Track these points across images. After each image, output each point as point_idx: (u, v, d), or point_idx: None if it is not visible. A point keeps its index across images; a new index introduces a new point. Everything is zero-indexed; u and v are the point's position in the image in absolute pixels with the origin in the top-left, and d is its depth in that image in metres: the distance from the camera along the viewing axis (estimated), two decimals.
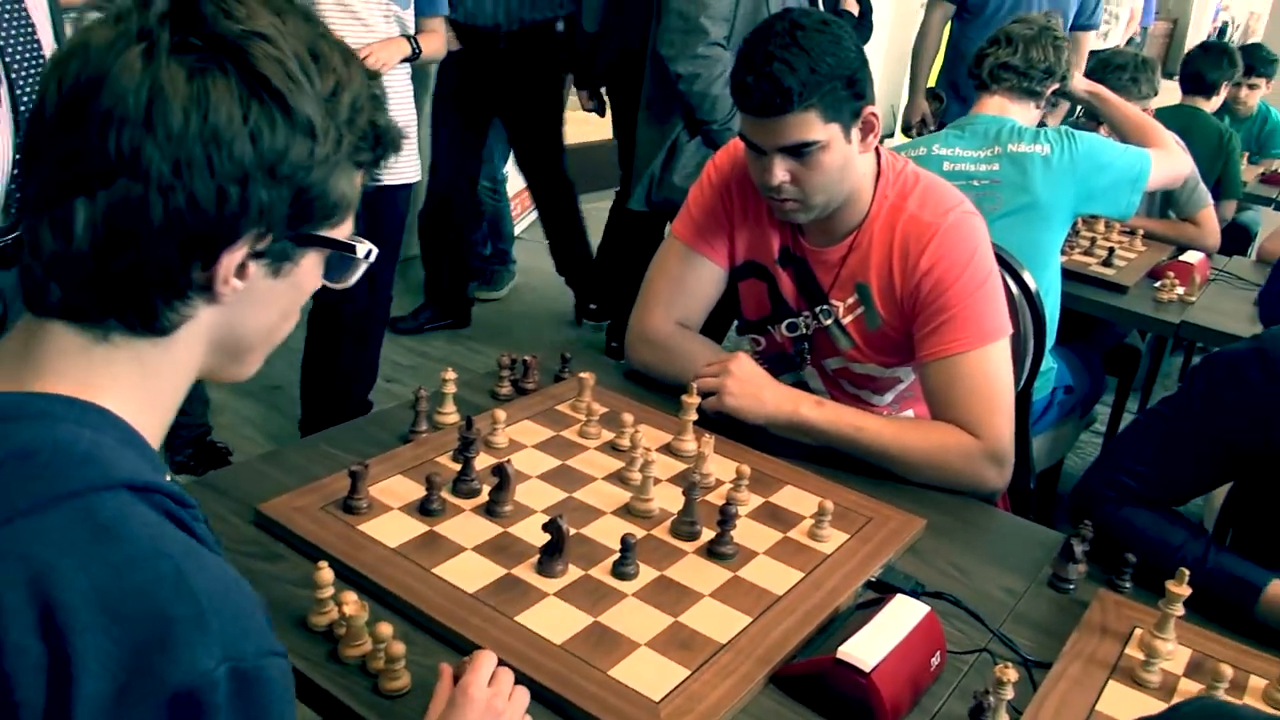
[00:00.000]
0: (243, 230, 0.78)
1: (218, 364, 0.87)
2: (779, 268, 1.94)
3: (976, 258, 1.76)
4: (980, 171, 2.59)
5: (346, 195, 0.84)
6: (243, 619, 0.73)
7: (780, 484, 1.63)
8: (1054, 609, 1.43)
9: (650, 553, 1.42)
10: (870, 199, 1.82)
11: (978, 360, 1.73)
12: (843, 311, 1.89)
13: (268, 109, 0.77)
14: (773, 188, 1.73)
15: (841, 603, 1.36)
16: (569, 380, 1.91)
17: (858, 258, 1.84)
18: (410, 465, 1.58)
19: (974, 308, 1.74)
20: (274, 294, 0.85)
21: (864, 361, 1.93)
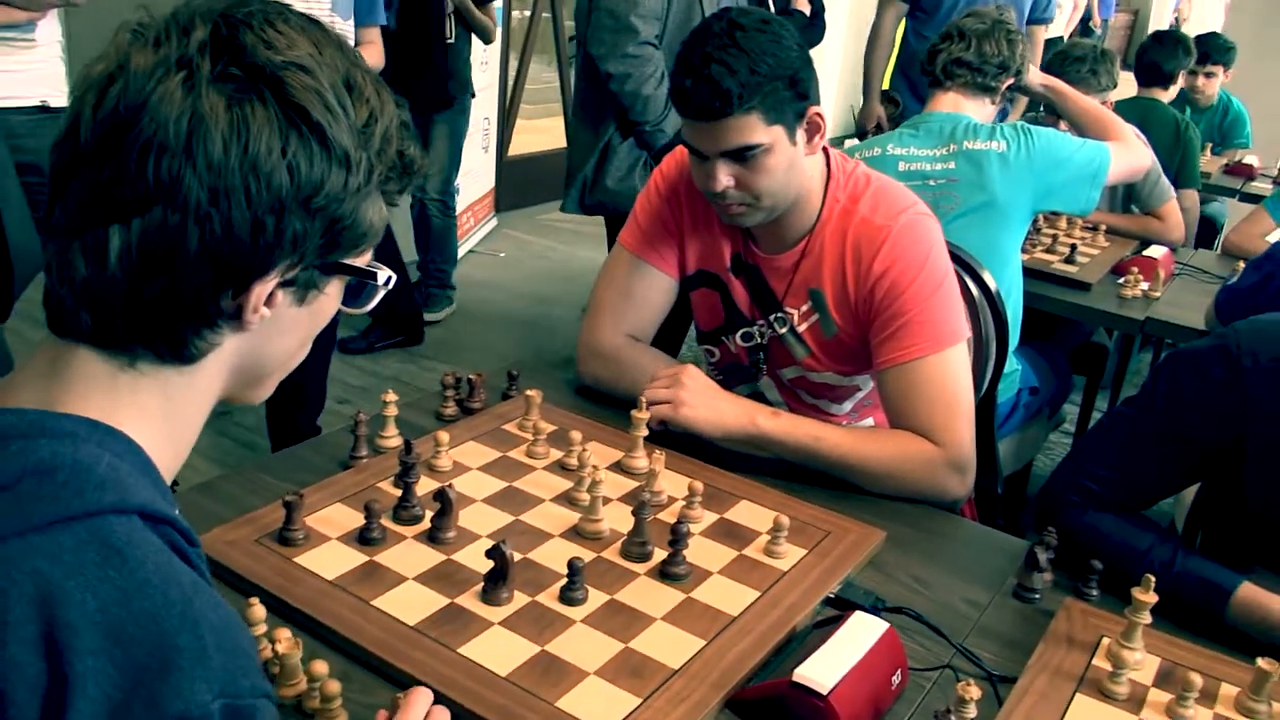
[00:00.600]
0: (276, 260, 0.80)
1: (235, 389, 0.89)
2: (731, 276, 1.92)
3: (930, 260, 1.75)
4: (936, 170, 2.58)
5: (374, 224, 0.87)
6: (241, 657, 0.74)
7: (735, 499, 1.61)
8: (1019, 620, 1.42)
9: (600, 576, 1.40)
10: (821, 203, 1.81)
11: (935, 366, 1.71)
12: (797, 319, 1.88)
13: (306, 141, 0.79)
14: (717, 193, 1.72)
15: (799, 621, 1.34)
16: (516, 398, 1.88)
17: (810, 264, 1.83)
18: (350, 492, 1.55)
19: (930, 312, 1.73)
20: (297, 321, 0.87)
21: (821, 370, 1.91)
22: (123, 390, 0.82)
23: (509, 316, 5.26)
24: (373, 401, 3.45)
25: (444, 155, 4.90)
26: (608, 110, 3.14)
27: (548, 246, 6.43)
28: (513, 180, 6.89)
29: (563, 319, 5.10)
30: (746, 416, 1.72)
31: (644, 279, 1.95)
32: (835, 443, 1.69)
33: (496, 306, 5.39)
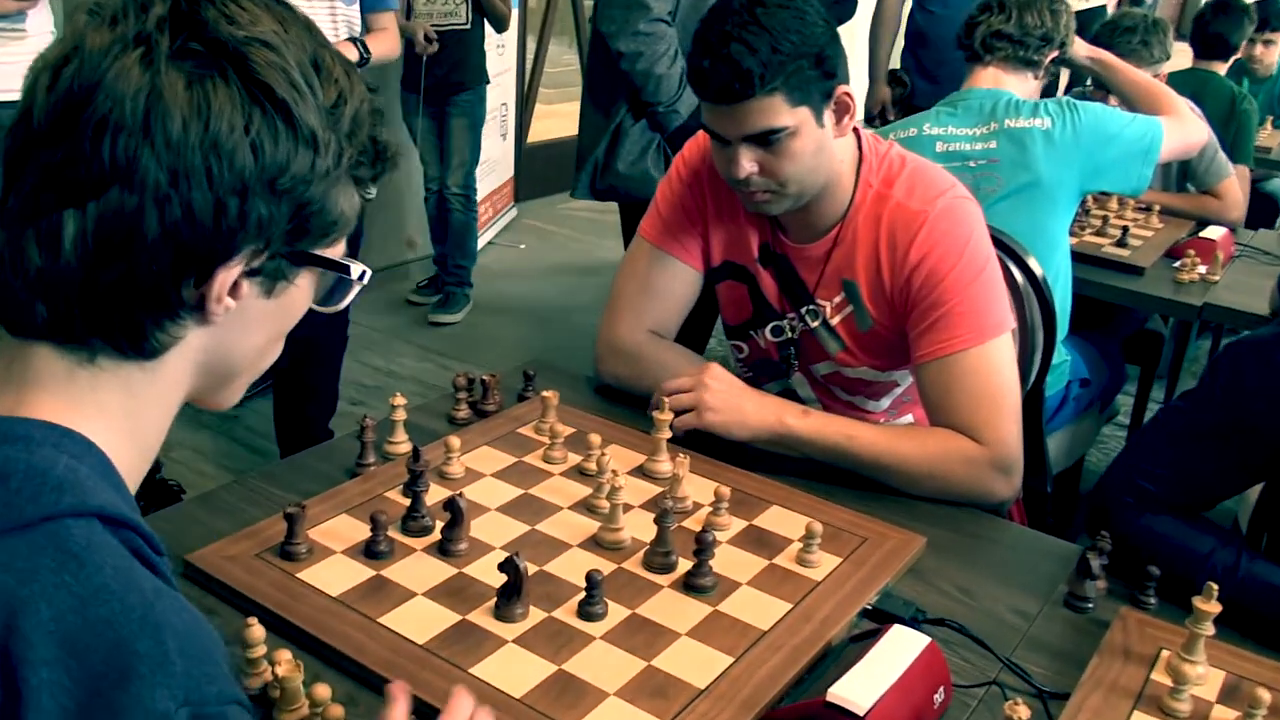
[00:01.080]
0: (240, 245, 0.79)
1: (203, 390, 0.88)
2: (759, 267, 1.90)
3: (971, 245, 1.72)
4: (976, 150, 2.55)
5: (345, 213, 0.86)
6: (207, 663, 0.73)
7: (765, 505, 1.59)
8: (1071, 632, 1.39)
9: (620, 589, 1.38)
10: (853, 187, 1.78)
11: (978, 358, 1.68)
12: (830, 311, 1.85)
13: (270, 119, 0.78)
14: (740, 180, 1.69)
15: (834, 635, 1.32)
16: (532, 399, 1.87)
17: (842, 253, 1.80)
18: (356, 503, 1.53)
19: (971, 301, 1.70)
20: (265, 315, 0.86)
21: (856, 365, 1.89)
22: (82, 388, 0.81)
23: (530, 312, 5.25)
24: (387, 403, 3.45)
25: (464, 147, 4.89)
26: (619, 91, 3.13)
27: (570, 237, 6.42)
28: (533, 168, 6.87)
29: (586, 313, 5.08)
30: (774, 415, 1.69)
31: (666, 271, 1.93)
32: (869, 441, 1.66)
33: (516, 301, 5.38)
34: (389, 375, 4.44)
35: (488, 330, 5.01)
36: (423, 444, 1.66)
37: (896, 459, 1.65)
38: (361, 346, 4.60)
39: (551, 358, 2.15)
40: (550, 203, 6.88)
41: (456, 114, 4.80)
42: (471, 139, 4.93)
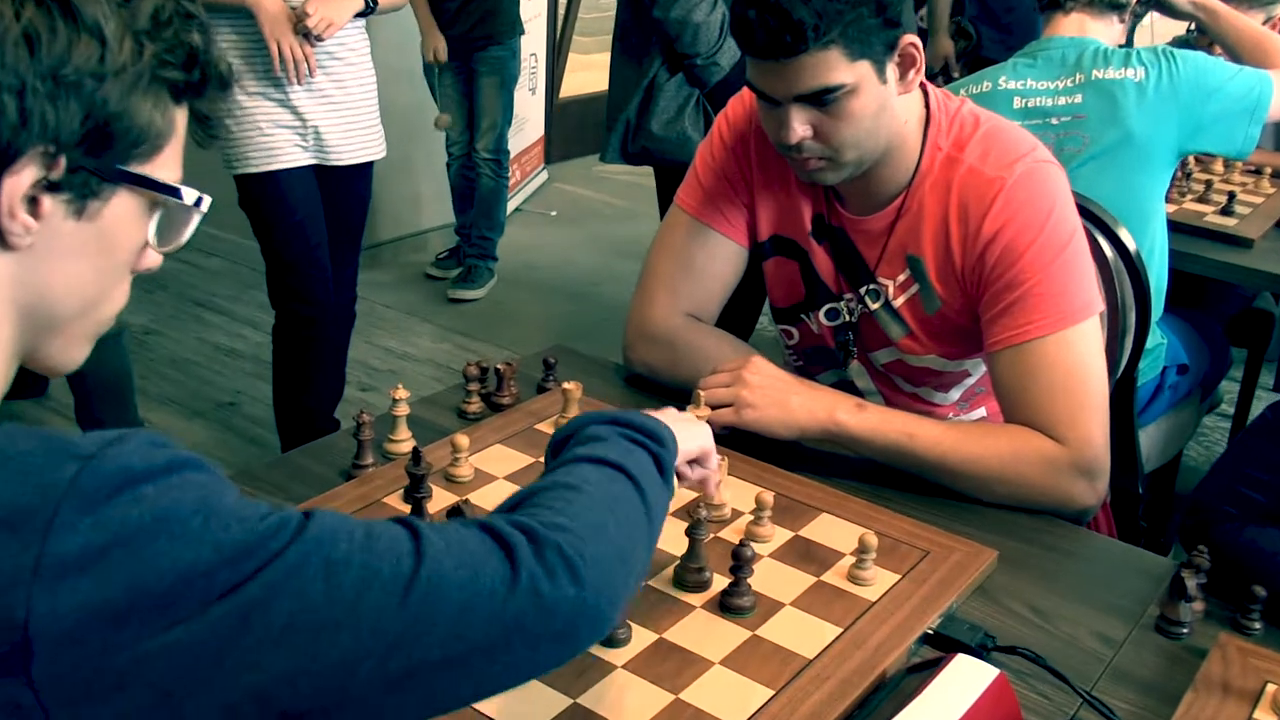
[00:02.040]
0: (23, 147, 0.78)
1: (32, 341, 0.87)
2: (813, 242, 1.86)
3: (1054, 217, 1.68)
4: (1060, 106, 2.50)
5: (155, 124, 0.85)
6: None
7: (813, 513, 1.56)
8: (1163, 661, 1.36)
9: (646, 610, 1.35)
10: (919, 151, 1.74)
11: (1059, 346, 1.64)
12: (893, 291, 1.82)
13: (45, 7, 0.78)
14: (791, 145, 1.66)
15: (889, 665, 1.29)
16: (553, 391, 1.84)
17: (907, 225, 1.77)
18: (351, 509, 1.52)
19: (1053, 280, 1.66)
20: (81, 242, 0.85)
21: (921, 352, 1.85)
22: None
23: (560, 287, 5.24)
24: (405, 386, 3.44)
25: (495, 108, 4.87)
26: (652, 41, 3.10)
27: (606, 203, 6.41)
28: (565, 126, 6.87)
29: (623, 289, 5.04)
30: (825, 411, 1.66)
31: (706, 246, 1.91)
32: (933, 440, 1.63)
33: (546, 275, 5.37)
34: (402, 358, 4.44)
35: (513, 308, 5.00)
36: (428, 442, 1.65)
37: (964, 460, 1.61)
38: (371, 325, 4.61)
39: (583, 339, 2.13)
40: (585, 165, 6.87)
41: (486, 72, 4.78)
42: (503, 98, 4.91)
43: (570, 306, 5.04)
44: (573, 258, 5.59)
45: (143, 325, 4.56)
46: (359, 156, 3.19)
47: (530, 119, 6.24)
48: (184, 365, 4.31)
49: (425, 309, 4.94)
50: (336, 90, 3.08)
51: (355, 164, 3.19)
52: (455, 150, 5.00)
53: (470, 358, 4.36)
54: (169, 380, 4.19)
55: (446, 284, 5.13)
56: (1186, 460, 3.36)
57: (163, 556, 0.71)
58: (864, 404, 1.68)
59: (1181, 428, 2.88)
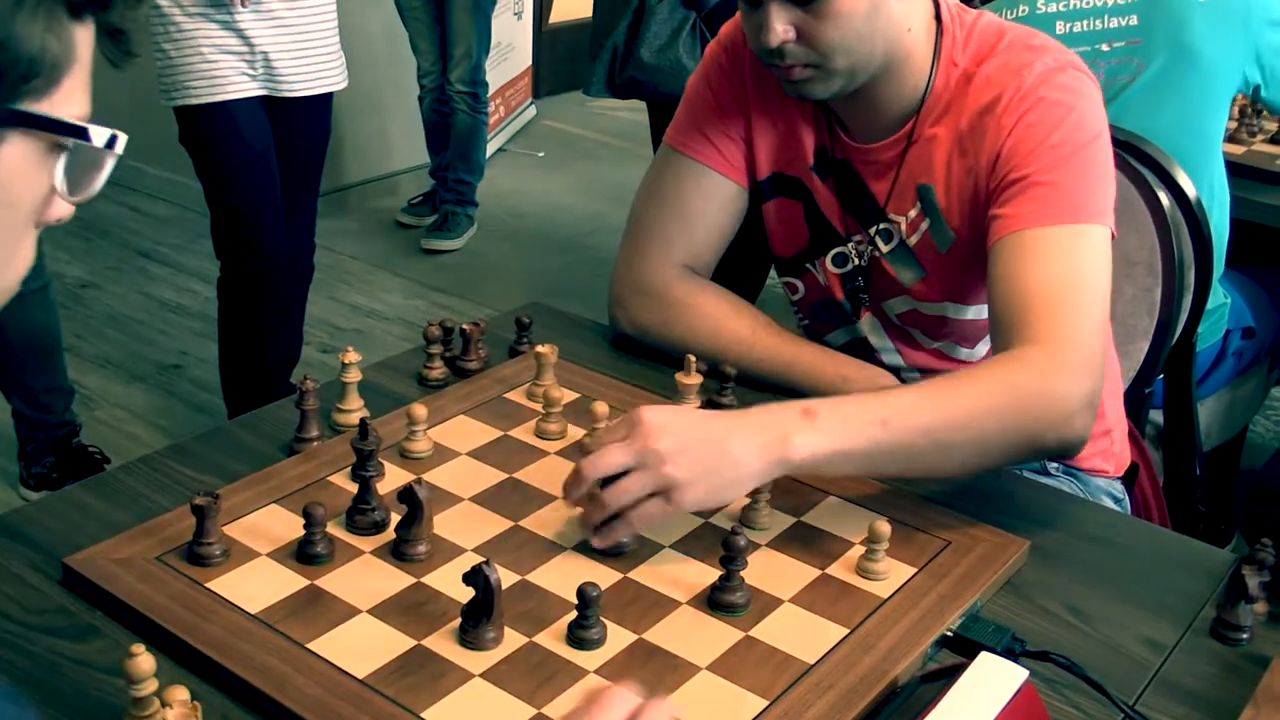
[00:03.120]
0: None
1: None
2: (815, 177, 1.85)
3: (1076, 114, 1.66)
4: (1111, 29, 2.49)
5: (50, 50, 0.79)
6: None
7: (817, 496, 1.54)
8: (1218, 671, 1.34)
9: (624, 607, 1.34)
10: (931, 69, 1.73)
11: (1061, 241, 1.61)
12: (906, 229, 1.81)
13: None
14: (772, 50, 1.64)
15: (901, 672, 1.27)
16: (527, 355, 1.82)
17: (919, 153, 1.76)
18: (290, 489, 1.50)
19: (1066, 177, 1.64)
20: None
21: (936, 299, 1.83)
22: None
23: (547, 238, 5.22)
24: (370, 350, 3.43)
25: (469, 33, 4.84)
26: None
27: (599, 142, 6.38)
28: (555, 56, 6.84)
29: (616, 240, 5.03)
30: (774, 446, 1.40)
31: (700, 189, 1.88)
32: (908, 411, 1.47)
33: (531, 223, 5.35)
34: (370, 315, 4.43)
35: (495, 260, 4.98)
36: (383, 412, 1.65)
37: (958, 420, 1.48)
38: (335, 279, 4.59)
39: (572, 296, 2.12)
40: (577, 100, 6.83)
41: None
42: (479, 22, 4.88)
43: (558, 259, 5.02)
44: (562, 204, 5.57)
45: (78, 278, 4.55)
46: (315, 87, 3.16)
47: (516, 47, 6.21)
48: (124, 323, 4.30)
49: (395, 261, 4.92)
50: (288, 11, 3.05)
51: (311, 95, 3.16)
52: (427, 82, 4.97)
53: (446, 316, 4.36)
54: (107, 340, 4.18)
55: (419, 233, 5.12)
56: (1251, 437, 3.35)
57: None
58: (809, 406, 1.45)
59: (1246, 400, 2.87)
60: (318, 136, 3.29)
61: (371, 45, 4.93)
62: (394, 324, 4.33)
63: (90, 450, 3.36)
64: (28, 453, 3.33)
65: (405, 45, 4.97)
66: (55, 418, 3.32)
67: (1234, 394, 2.79)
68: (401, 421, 1.60)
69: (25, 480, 3.34)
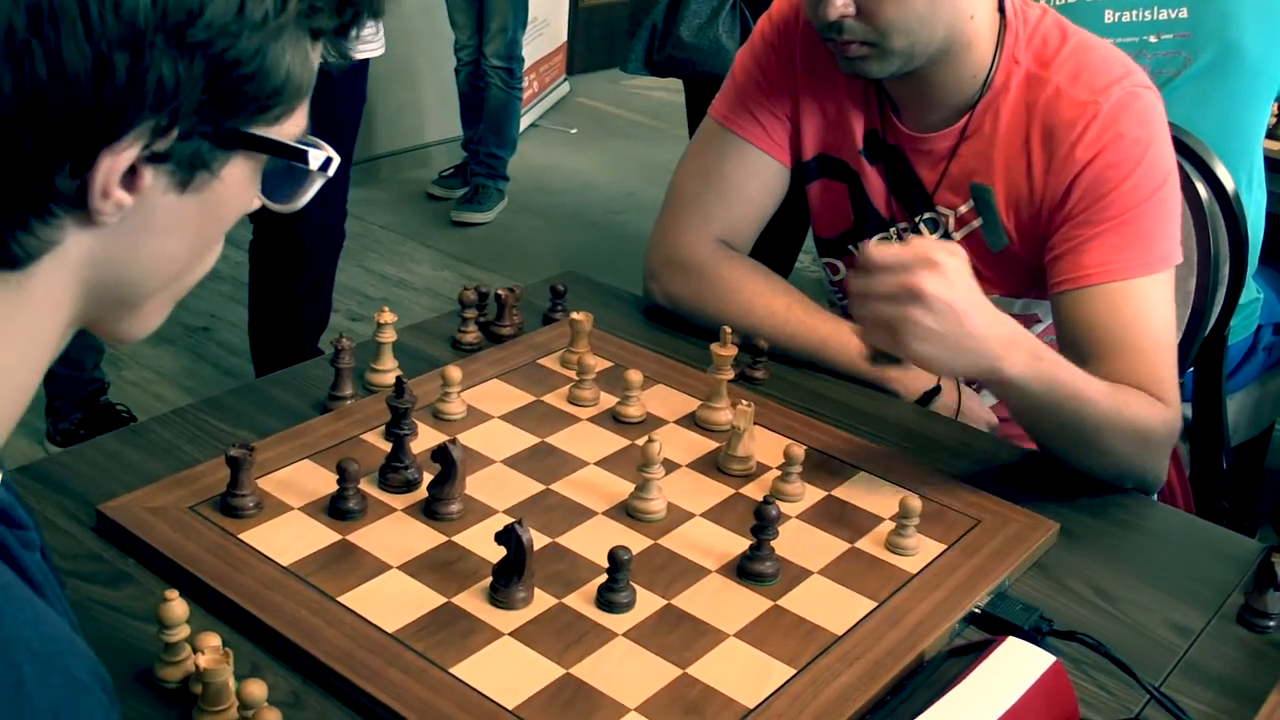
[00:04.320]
0: (135, 120, 0.71)
1: (97, 315, 0.82)
2: (864, 161, 1.84)
3: (1152, 151, 1.65)
4: (1160, 21, 2.46)
5: (295, 77, 0.78)
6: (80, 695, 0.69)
7: (849, 471, 1.55)
8: (1245, 657, 1.34)
9: (654, 573, 1.34)
10: (992, 61, 1.70)
11: (1145, 292, 1.63)
12: (953, 223, 1.80)
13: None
14: (830, 23, 1.63)
15: (928, 646, 1.27)
16: (561, 322, 1.82)
17: (975, 148, 1.74)
18: (324, 446, 1.51)
19: (1142, 220, 1.64)
20: (181, 218, 0.79)
21: (984, 291, 1.81)
22: None
23: (577, 213, 5.21)
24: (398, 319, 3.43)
25: (506, 7, 4.83)
26: None
27: (632, 120, 6.37)
28: (591, 33, 6.82)
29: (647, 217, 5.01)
30: (1000, 354, 1.47)
31: (742, 163, 1.88)
32: (1095, 399, 1.53)
33: (562, 199, 5.35)
34: (399, 285, 4.43)
35: (524, 234, 4.98)
36: (416, 374, 1.65)
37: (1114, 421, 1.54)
38: (365, 248, 4.60)
39: (600, 272, 2.11)
40: (611, 77, 6.82)
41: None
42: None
43: (587, 235, 5.01)
44: (593, 181, 5.56)
45: None
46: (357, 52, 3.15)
47: (551, 23, 6.20)
48: None
49: (425, 232, 4.92)
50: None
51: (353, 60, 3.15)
52: (464, 56, 4.97)
53: None
54: None
55: (450, 205, 5.12)
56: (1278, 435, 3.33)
57: None
58: (1041, 352, 1.52)
59: (1275, 396, 2.84)
60: (353, 103, 3.29)
61: (409, 16, 4.93)
62: (422, 294, 4.34)
63: (118, 408, 3.37)
64: (55, 409, 3.34)
65: (443, 18, 4.96)
66: (85, 374, 3.33)
67: (1263, 390, 2.76)
68: (436, 383, 1.60)
69: (52, 436, 3.35)
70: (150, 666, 1.17)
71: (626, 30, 3.29)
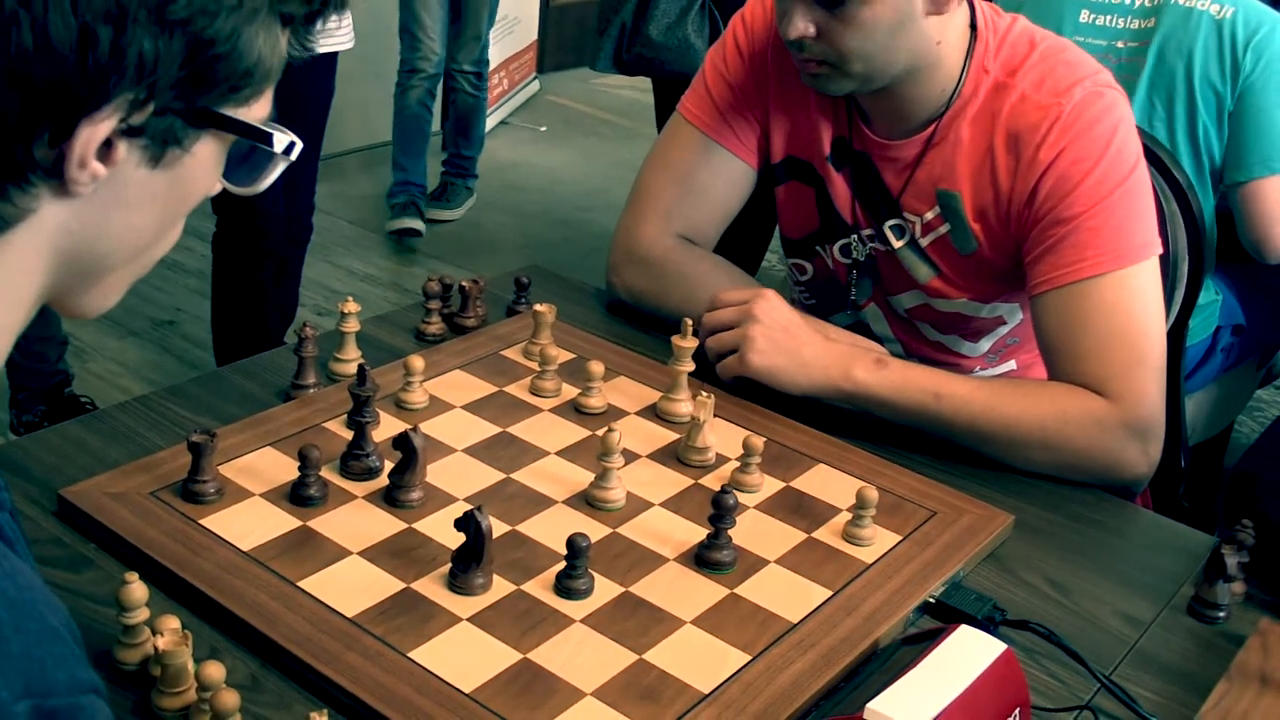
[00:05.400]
0: (113, 92, 0.74)
1: (64, 287, 0.84)
2: (830, 168, 1.85)
3: (1115, 145, 1.66)
4: (1130, 29, 2.49)
5: (265, 61, 0.81)
6: (53, 641, 0.71)
7: (808, 463, 1.55)
8: (1194, 647, 1.35)
9: (612, 560, 1.35)
10: (961, 72, 1.72)
11: (1114, 288, 1.63)
12: (920, 229, 1.80)
13: None
14: (791, 41, 1.64)
15: (882, 634, 1.28)
16: (525, 314, 1.83)
17: (940, 156, 1.75)
18: (286, 433, 1.51)
19: (1110, 214, 1.64)
20: (149, 193, 0.81)
21: (953, 295, 1.83)
22: None
23: (545, 211, 5.21)
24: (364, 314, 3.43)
25: (482, 15, 4.79)
26: None
27: (601, 119, 6.37)
28: (562, 32, 6.82)
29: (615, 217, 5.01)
30: (839, 368, 1.63)
31: (709, 164, 1.89)
32: (964, 399, 1.60)
33: (529, 196, 5.34)
34: (365, 280, 4.42)
35: (491, 231, 4.98)
36: (380, 364, 1.65)
37: (998, 422, 1.59)
38: (331, 242, 4.59)
39: (568, 270, 2.12)
40: (581, 76, 6.82)
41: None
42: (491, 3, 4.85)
43: (556, 233, 5.01)
44: (562, 178, 5.56)
45: None
46: (319, 46, 3.14)
47: (523, 20, 6.19)
48: None
49: None
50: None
51: (322, 52, 3.14)
52: (428, 68, 4.73)
53: None
54: None
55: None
56: (1236, 437, 3.35)
57: None
58: (884, 359, 1.65)
59: (1233, 396, 2.87)
60: (321, 96, 3.28)
61: (379, 12, 4.91)
62: (389, 289, 4.33)
63: (82, 400, 3.36)
64: (19, 400, 3.33)
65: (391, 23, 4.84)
66: (48, 366, 3.31)
67: (1221, 390, 2.78)
68: (398, 373, 1.60)
69: (15, 428, 3.33)
70: (109, 649, 1.17)
71: (596, 29, 3.29)
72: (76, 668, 0.71)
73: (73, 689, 0.70)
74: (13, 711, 0.66)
